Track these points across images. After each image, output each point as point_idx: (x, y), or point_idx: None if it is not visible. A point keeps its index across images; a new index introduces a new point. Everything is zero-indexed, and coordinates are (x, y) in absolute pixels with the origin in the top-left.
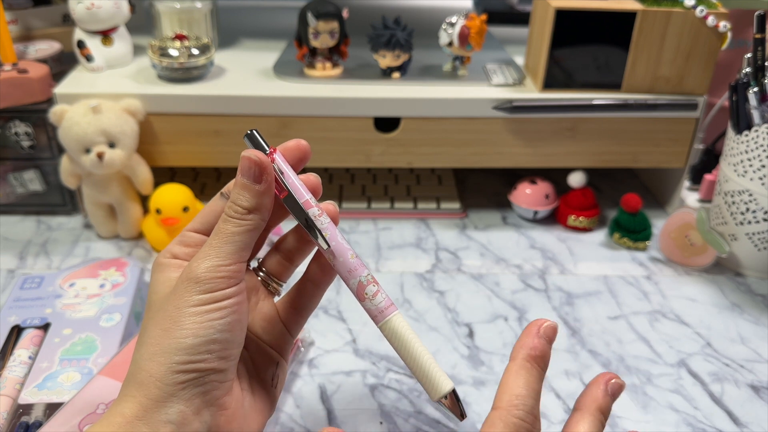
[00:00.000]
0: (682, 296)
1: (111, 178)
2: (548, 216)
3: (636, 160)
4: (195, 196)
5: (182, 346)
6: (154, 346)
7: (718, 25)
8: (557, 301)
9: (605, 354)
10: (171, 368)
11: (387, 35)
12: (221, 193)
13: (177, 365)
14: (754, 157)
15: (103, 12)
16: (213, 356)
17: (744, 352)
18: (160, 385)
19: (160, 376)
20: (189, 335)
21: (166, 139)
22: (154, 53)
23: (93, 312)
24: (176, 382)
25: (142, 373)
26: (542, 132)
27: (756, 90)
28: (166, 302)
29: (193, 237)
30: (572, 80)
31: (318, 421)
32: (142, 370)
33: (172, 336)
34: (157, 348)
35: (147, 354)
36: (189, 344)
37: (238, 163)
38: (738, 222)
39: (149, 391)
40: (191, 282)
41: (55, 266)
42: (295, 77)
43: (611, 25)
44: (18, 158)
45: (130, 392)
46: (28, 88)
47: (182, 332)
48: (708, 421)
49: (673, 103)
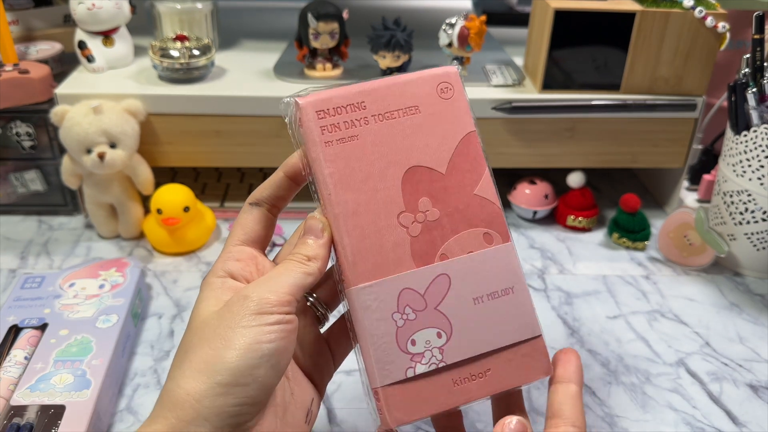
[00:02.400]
0: (680, 296)
1: (112, 179)
2: (547, 216)
3: (635, 161)
4: (196, 196)
5: (230, 366)
6: (200, 364)
7: (716, 25)
8: (556, 301)
9: (604, 353)
10: (213, 389)
11: (387, 36)
12: (250, 204)
13: (219, 386)
14: (752, 157)
15: (104, 13)
16: (256, 383)
17: (743, 352)
18: (197, 406)
19: (199, 396)
20: (237, 356)
21: (167, 139)
22: (155, 54)
23: (90, 313)
24: (214, 405)
25: (179, 391)
26: (541, 132)
27: (755, 90)
28: (218, 320)
29: (244, 251)
30: (571, 81)
31: (318, 421)
32: (181, 388)
33: (220, 355)
34: (202, 366)
35: (190, 371)
36: (236, 365)
37: (238, 163)
38: (737, 222)
39: (183, 411)
40: (246, 300)
41: (56, 266)
42: (296, 78)
43: (610, 25)
44: (19, 158)
45: (162, 412)
46: (30, 88)
47: (231, 352)
48: (707, 421)
49: (671, 104)
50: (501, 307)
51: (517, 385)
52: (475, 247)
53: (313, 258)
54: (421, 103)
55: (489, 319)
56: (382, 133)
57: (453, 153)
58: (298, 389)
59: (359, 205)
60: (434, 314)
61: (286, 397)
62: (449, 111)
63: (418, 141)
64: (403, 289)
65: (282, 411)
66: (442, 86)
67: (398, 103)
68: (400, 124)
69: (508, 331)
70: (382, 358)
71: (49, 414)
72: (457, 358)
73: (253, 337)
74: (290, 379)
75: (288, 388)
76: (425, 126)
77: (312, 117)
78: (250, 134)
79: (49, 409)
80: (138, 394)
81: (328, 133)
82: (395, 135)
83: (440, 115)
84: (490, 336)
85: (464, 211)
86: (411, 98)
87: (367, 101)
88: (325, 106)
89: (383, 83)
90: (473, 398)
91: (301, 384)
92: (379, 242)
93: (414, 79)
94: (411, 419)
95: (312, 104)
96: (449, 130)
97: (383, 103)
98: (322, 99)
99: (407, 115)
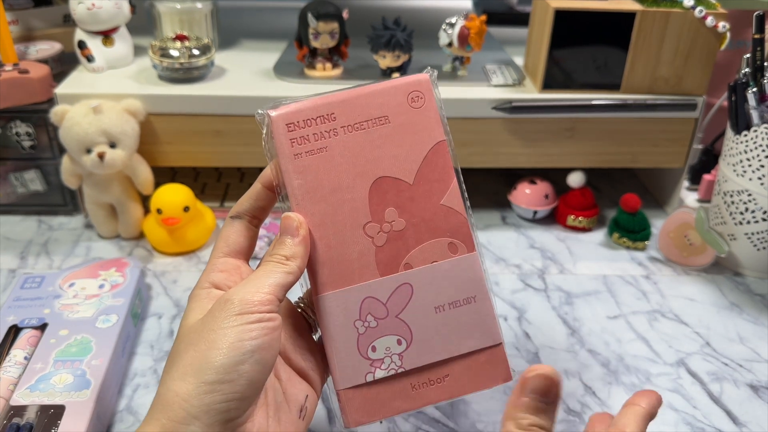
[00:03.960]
0: (681, 296)
1: (112, 178)
2: (547, 216)
3: (635, 160)
4: (196, 196)
5: (214, 364)
6: (186, 367)
7: (717, 25)
8: (556, 301)
9: (604, 353)
10: (199, 388)
11: (387, 36)
12: (231, 217)
13: (206, 385)
14: (753, 157)
15: (103, 12)
16: (243, 379)
17: (743, 352)
18: (186, 406)
19: (187, 396)
20: (221, 355)
21: (167, 139)
22: (155, 54)
23: (90, 313)
24: (202, 403)
25: (169, 394)
26: (541, 132)
27: (755, 90)
28: (201, 325)
29: (228, 262)
30: (571, 81)
31: (318, 421)
32: (170, 391)
33: (205, 356)
34: (188, 368)
35: (177, 374)
36: (220, 363)
37: (238, 163)
38: (737, 222)
39: (173, 412)
40: (227, 303)
41: (56, 266)
42: (296, 78)
43: (610, 25)
44: (19, 158)
45: (155, 415)
46: (29, 88)
47: (215, 352)
48: (707, 421)
49: (672, 104)
50: (462, 316)
51: (474, 390)
52: (439, 257)
53: (291, 257)
54: (390, 113)
55: (450, 328)
56: (351, 144)
57: (421, 163)
58: (292, 389)
59: (326, 216)
60: (395, 322)
61: (278, 397)
62: (419, 120)
63: (387, 151)
64: (365, 298)
65: (274, 410)
66: (412, 95)
67: (367, 114)
68: (370, 134)
69: (468, 338)
70: (343, 363)
71: (48, 414)
72: (416, 364)
73: (235, 335)
74: (282, 380)
75: (279, 389)
76: (394, 136)
77: (282, 130)
78: (250, 134)
79: (48, 409)
80: (138, 394)
81: (297, 146)
82: (364, 146)
83: (410, 125)
84: (450, 344)
85: (430, 221)
86: (380, 108)
87: (336, 112)
88: (296, 118)
89: (353, 93)
90: (431, 402)
91: (295, 384)
92: (344, 252)
93: (384, 89)
94: (369, 420)
95: (282, 117)
96: (418, 139)
97: (353, 114)
98: (293, 111)
99: (377, 125)
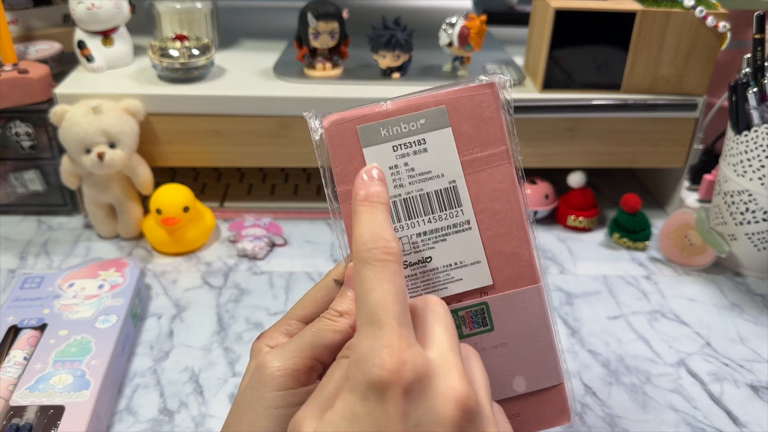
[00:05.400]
0: (681, 296)
1: (111, 178)
2: (548, 216)
3: (635, 160)
4: (195, 196)
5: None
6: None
7: (717, 25)
8: (557, 301)
9: (605, 354)
10: None
11: (387, 35)
12: (335, 280)
13: None
14: (753, 157)
15: (103, 12)
16: None
17: (743, 352)
18: None
19: None
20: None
21: (167, 139)
22: (155, 53)
23: (90, 313)
24: None
25: None
26: (542, 132)
27: (755, 90)
28: (246, 398)
29: (299, 327)
30: (572, 80)
31: None
32: None
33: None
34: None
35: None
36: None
37: (238, 163)
38: (737, 222)
39: None
40: (265, 374)
41: (55, 266)
42: (296, 77)
43: (611, 25)
44: (18, 158)
45: None
46: (29, 88)
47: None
48: (707, 421)
49: (672, 104)
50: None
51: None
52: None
53: (345, 313)
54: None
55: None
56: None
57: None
58: None
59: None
60: None
61: None
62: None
63: None
64: None
65: None
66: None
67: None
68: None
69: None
70: None
71: (48, 414)
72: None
73: (276, 420)
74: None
75: None
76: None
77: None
78: (250, 134)
79: (48, 409)
80: (137, 395)
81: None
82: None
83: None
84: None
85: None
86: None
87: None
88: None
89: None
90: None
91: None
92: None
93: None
94: None
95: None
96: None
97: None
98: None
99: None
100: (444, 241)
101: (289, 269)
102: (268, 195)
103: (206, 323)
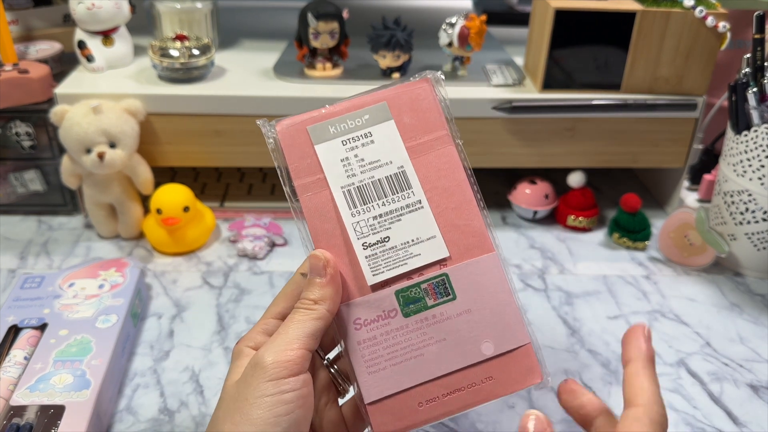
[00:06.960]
0: (681, 296)
1: (112, 178)
2: (548, 216)
3: (635, 160)
4: (195, 196)
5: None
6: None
7: (717, 25)
8: (557, 301)
9: (605, 353)
10: None
11: (387, 36)
12: (302, 273)
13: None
14: (753, 157)
15: (103, 12)
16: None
17: (743, 352)
18: None
19: None
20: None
21: (167, 139)
22: (155, 53)
23: (90, 313)
24: None
25: None
26: (542, 132)
27: (755, 90)
28: (237, 392)
29: (276, 325)
30: (572, 80)
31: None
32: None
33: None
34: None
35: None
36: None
37: (238, 163)
38: (737, 222)
39: None
40: (259, 368)
41: (55, 266)
42: (296, 77)
43: (611, 25)
44: (19, 158)
45: None
46: (29, 88)
47: (250, 428)
48: (707, 421)
49: (672, 104)
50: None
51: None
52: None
53: (319, 300)
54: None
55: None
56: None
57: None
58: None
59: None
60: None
61: None
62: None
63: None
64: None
65: None
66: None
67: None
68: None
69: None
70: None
71: (48, 414)
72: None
73: (269, 410)
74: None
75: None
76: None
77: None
78: (250, 134)
79: (48, 409)
80: (137, 395)
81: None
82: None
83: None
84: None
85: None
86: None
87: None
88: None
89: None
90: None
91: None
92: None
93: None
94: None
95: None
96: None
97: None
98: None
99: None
100: (399, 221)
101: (290, 269)
102: (268, 195)
103: (206, 323)
